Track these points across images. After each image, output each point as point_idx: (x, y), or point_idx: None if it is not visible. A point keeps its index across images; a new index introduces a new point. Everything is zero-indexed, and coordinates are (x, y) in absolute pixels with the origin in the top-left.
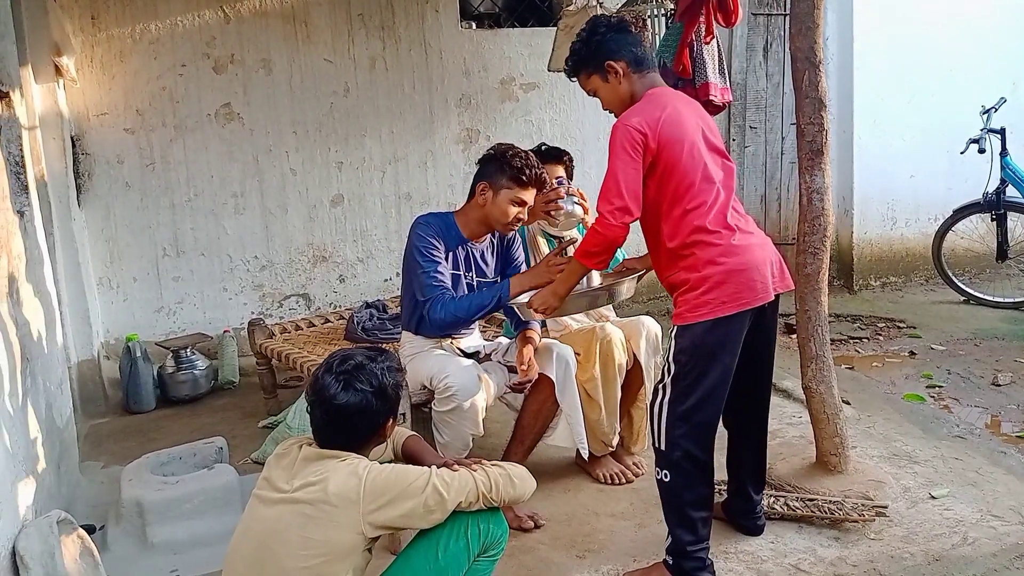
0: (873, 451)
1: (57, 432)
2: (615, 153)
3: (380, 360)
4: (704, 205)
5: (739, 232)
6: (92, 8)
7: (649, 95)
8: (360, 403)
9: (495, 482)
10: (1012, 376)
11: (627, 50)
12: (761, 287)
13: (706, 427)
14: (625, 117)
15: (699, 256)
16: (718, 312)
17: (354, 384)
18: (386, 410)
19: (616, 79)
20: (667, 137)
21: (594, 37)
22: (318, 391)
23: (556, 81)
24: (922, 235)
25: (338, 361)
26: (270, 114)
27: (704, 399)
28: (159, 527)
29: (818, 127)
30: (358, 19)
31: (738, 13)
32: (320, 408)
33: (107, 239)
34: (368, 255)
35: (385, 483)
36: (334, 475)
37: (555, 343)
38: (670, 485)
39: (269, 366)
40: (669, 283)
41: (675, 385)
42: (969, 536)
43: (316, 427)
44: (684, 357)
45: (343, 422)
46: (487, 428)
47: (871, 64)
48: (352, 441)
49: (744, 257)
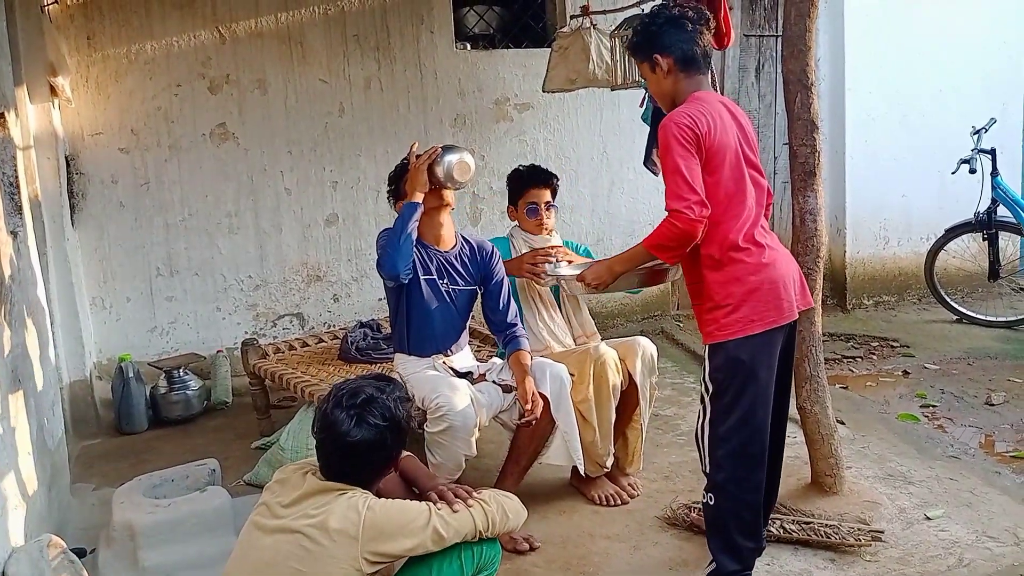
0: (868, 471)
1: (48, 454)
2: (671, 149)
3: (389, 391)
4: (738, 219)
5: (767, 249)
6: (88, 28)
7: (695, 97)
8: (374, 439)
9: (492, 521)
10: (1005, 395)
11: (677, 47)
12: (787, 306)
13: (751, 448)
14: (676, 114)
15: (728, 272)
16: (748, 330)
17: (367, 419)
18: (399, 442)
19: (661, 73)
20: (714, 142)
21: (651, 26)
22: (328, 427)
23: (550, 101)
24: (914, 254)
25: (347, 395)
26: (265, 134)
27: (745, 418)
28: (151, 550)
29: (811, 149)
30: (353, 40)
31: (730, 35)
32: (332, 444)
33: (100, 259)
34: (362, 274)
35: (385, 521)
36: (334, 510)
37: (549, 361)
38: (716, 508)
39: (262, 386)
40: (694, 290)
41: (714, 404)
42: (965, 558)
43: (326, 462)
44: (720, 375)
45: (356, 459)
46: (481, 448)
47: (862, 85)
48: (363, 475)
49: (771, 274)
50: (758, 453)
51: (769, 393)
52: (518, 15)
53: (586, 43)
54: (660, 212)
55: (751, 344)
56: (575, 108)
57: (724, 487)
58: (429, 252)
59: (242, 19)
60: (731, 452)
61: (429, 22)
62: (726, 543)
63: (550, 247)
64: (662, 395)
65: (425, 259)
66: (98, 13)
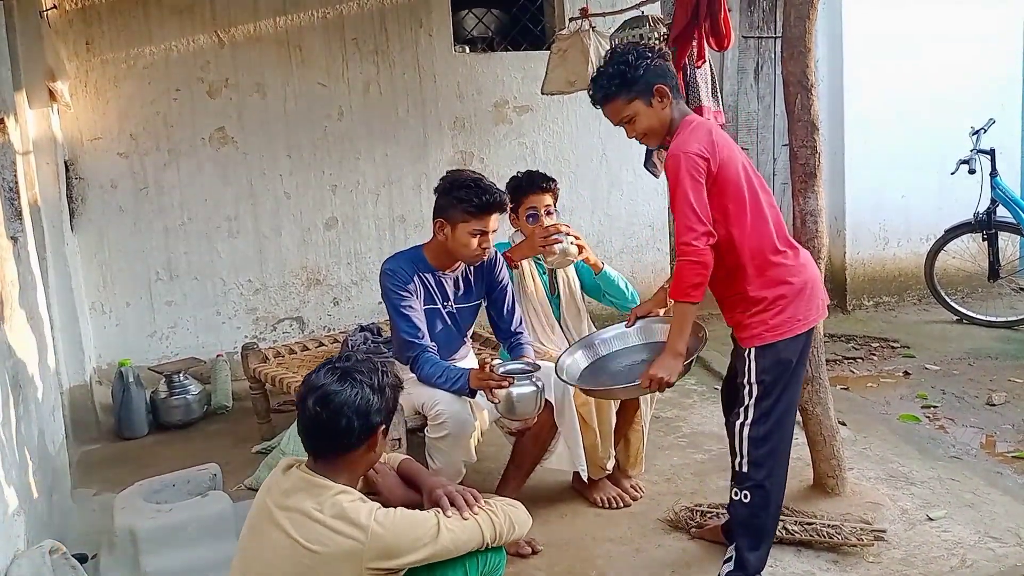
0: (870, 472)
1: (49, 459)
2: (680, 182)
3: (380, 361)
4: (767, 224)
5: (799, 251)
6: (86, 33)
7: (687, 122)
8: (357, 396)
9: (499, 532)
10: (1006, 395)
11: (669, 76)
12: (822, 304)
13: (786, 446)
14: (682, 145)
15: (773, 275)
16: (796, 330)
17: (352, 375)
18: (383, 412)
19: (661, 104)
20: (723, 158)
21: (641, 62)
22: (312, 385)
23: (549, 104)
24: (914, 255)
25: (337, 359)
26: (264, 138)
27: (783, 417)
28: (152, 556)
29: (811, 150)
30: (352, 43)
31: (730, 37)
32: (314, 404)
33: (100, 263)
34: (362, 278)
35: (392, 538)
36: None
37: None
38: (751, 507)
39: (263, 391)
40: (731, 302)
41: (758, 406)
42: (967, 558)
43: (306, 429)
44: (768, 377)
45: (336, 421)
46: (483, 451)
47: (861, 87)
48: (345, 447)
49: (808, 274)
50: (789, 445)
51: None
52: (516, 18)
53: (585, 45)
54: (660, 213)
55: (797, 343)
56: (574, 110)
57: (762, 485)
58: (435, 276)
59: (241, 23)
60: (771, 451)
61: (428, 25)
62: (757, 542)
63: (555, 225)
64: (663, 397)
65: (431, 287)
66: (97, 18)
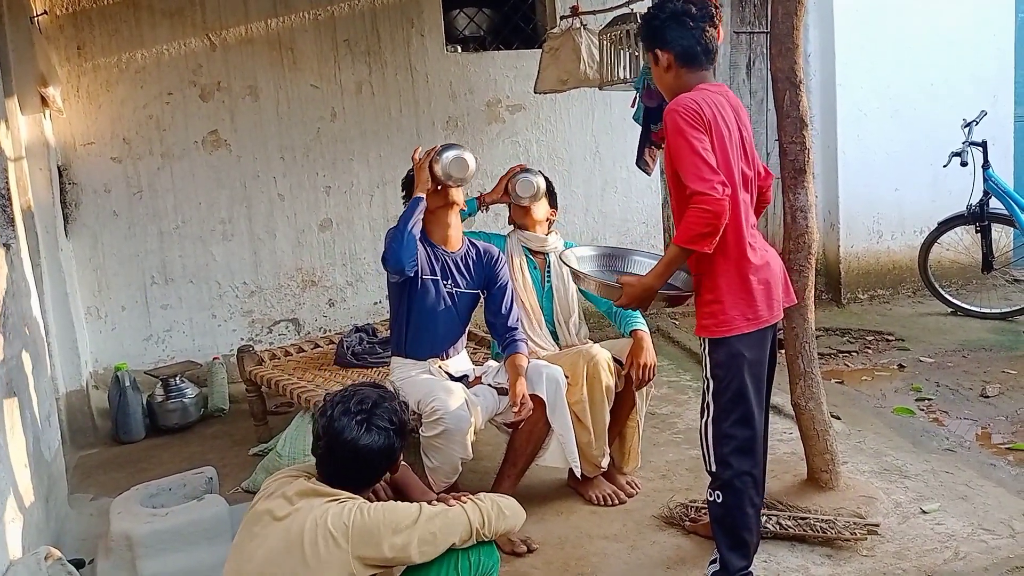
0: (864, 466)
1: (45, 464)
2: (679, 133)
3: (390, 396)
4: (739, 213)
5: (760, 249)
6: (78, 38)
7: (699, 88)
8: (383, 443)
9: (487, 517)
10: (1000, 387)
11: (677, 43)
12: (776, 305)
13: (752, 441)
14: (680, 99)
15: (733, 267)
16: (744, 328)
17: (375, 423)
18: (403, 447)
19: (661, 68)
20: (714, 133)
21: (653, 20)
22: (336, 433)
23: (542, 102)
24: (908, 247)
25: (354, 400)
26: (257, 140)
27: (746, 415)
28: (149, 560)
29: (800, 146)
30: (344, 45)
31: (721, 33)
32: (339, 451)
33: (95, 268)
34: (357, 279)
35: (374, 522)
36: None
37: (545, 363)
38: (724, 506)
39: (259, 393)
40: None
41: (716, 401)
42: (961, 551)
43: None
44: (721, 371)
45: (363, 464)
46: (478, 451)
47: (853, 80)
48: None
49: (766, 274)
50: (757, 448)
51: (763, 383)
52: (508, 17)
53: (576, 43)
54: (654, 210)
55: (750, 339)
56: (567, 108)
57: (732, 483)
58: (436, 252)
59: (232, 26)
60: (736, 448)
61: (419, 25)
62: (735, 541)
63: (518, 165)
64: (658, 393)
65: (431, 259)
66: (88, 23)
